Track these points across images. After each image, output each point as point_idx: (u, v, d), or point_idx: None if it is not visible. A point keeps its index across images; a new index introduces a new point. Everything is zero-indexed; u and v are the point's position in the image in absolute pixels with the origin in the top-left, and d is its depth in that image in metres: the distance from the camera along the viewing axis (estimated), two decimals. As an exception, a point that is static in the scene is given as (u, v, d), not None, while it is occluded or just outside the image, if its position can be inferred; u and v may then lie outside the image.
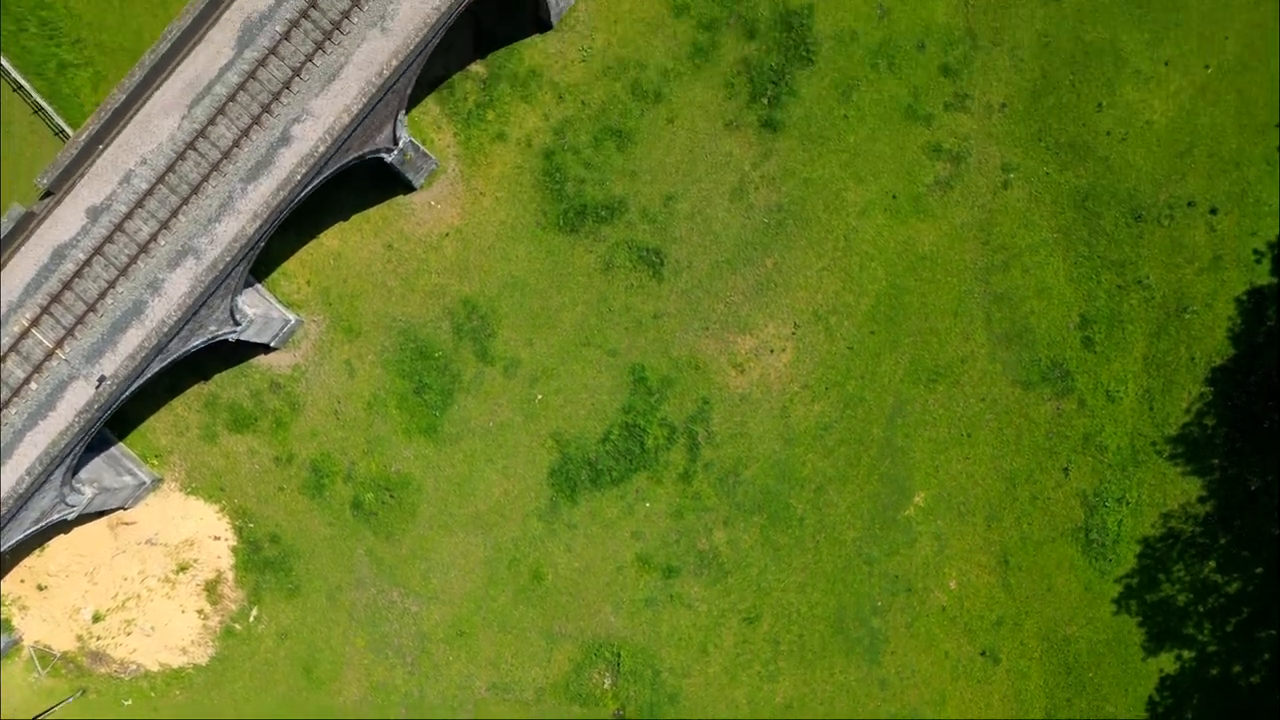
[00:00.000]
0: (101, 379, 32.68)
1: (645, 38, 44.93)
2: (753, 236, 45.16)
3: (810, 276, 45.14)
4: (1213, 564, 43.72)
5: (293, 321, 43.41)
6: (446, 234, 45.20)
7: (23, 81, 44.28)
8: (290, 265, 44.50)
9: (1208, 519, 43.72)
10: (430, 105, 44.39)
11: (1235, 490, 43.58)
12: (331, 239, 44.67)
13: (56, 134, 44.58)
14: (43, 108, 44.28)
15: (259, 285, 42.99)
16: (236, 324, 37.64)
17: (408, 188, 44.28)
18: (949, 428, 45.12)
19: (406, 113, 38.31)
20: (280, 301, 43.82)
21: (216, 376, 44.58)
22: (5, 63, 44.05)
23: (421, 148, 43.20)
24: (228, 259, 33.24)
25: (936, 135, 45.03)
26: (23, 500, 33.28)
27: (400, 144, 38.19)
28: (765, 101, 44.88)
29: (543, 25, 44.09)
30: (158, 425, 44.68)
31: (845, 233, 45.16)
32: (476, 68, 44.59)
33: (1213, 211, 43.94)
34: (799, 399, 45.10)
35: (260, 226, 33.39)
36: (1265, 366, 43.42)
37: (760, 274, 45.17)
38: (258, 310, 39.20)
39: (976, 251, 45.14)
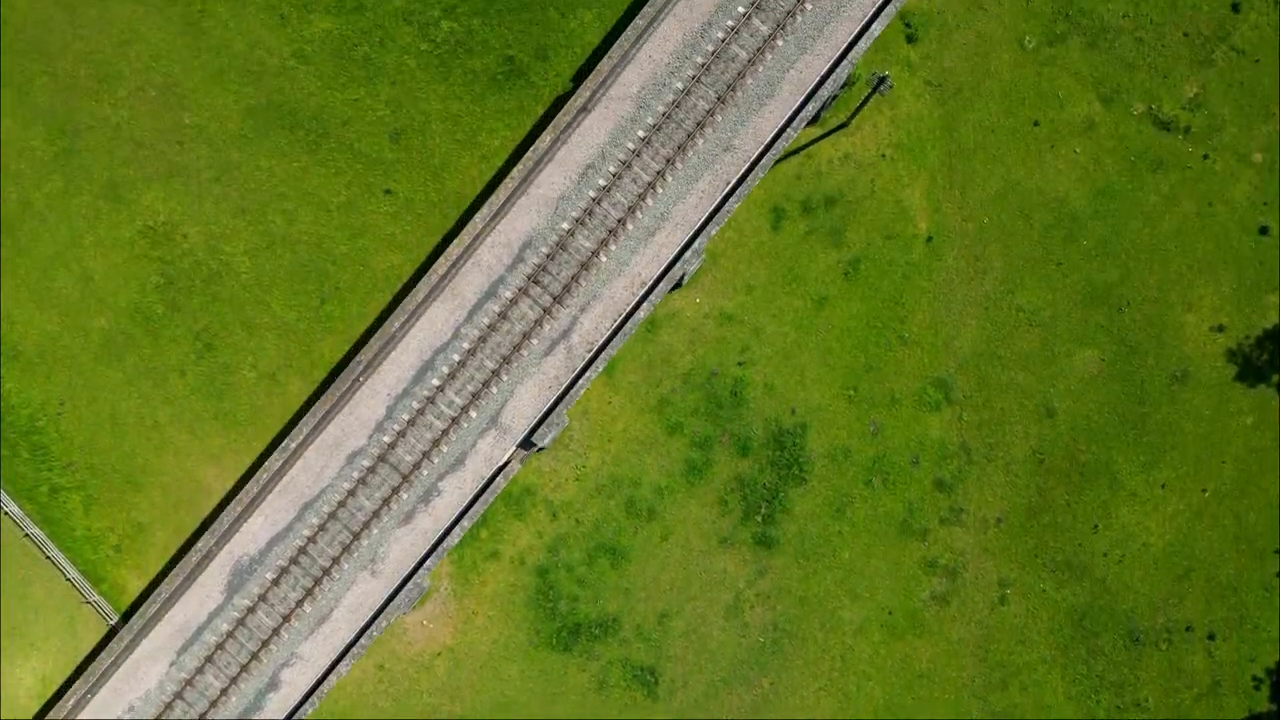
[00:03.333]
0: None
1: (639, 455, 44.82)
2: (749, 656, 44.82)
3: (807, 697, 44.75)
4: None
5: (283, 753, 42.95)
6: (439, 653, 44.83)
7: (14, 507, 44.12)
8: (281, 687, 44.10)
9: None
10: (423, 527, 44.20)
11: None
12: (323, 660, 44.31)
13: (47, 558, 44.36)
14: (30, 534, 44.08)
15: None
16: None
17: (400, 611, 43.97)
18: None
19: (398, 589, 38.02)
20: (271, 729, 43.36)
21: (206, 800, 44.07)
22: (-3, 490, 43.95)
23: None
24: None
25: (932, 550, 44.82)
26: None
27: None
28: (759, 519, 44.71)
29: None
30: None
31: (841, 651, 44.82)
32: (469, 489, 44.43)
33: (1210, 637, 43.65)
34: (796, 822, 44.57)
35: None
36: (1267, 796, 43.00)
37: (757, 694, 44.77)
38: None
39: (974, 669, 44.76)
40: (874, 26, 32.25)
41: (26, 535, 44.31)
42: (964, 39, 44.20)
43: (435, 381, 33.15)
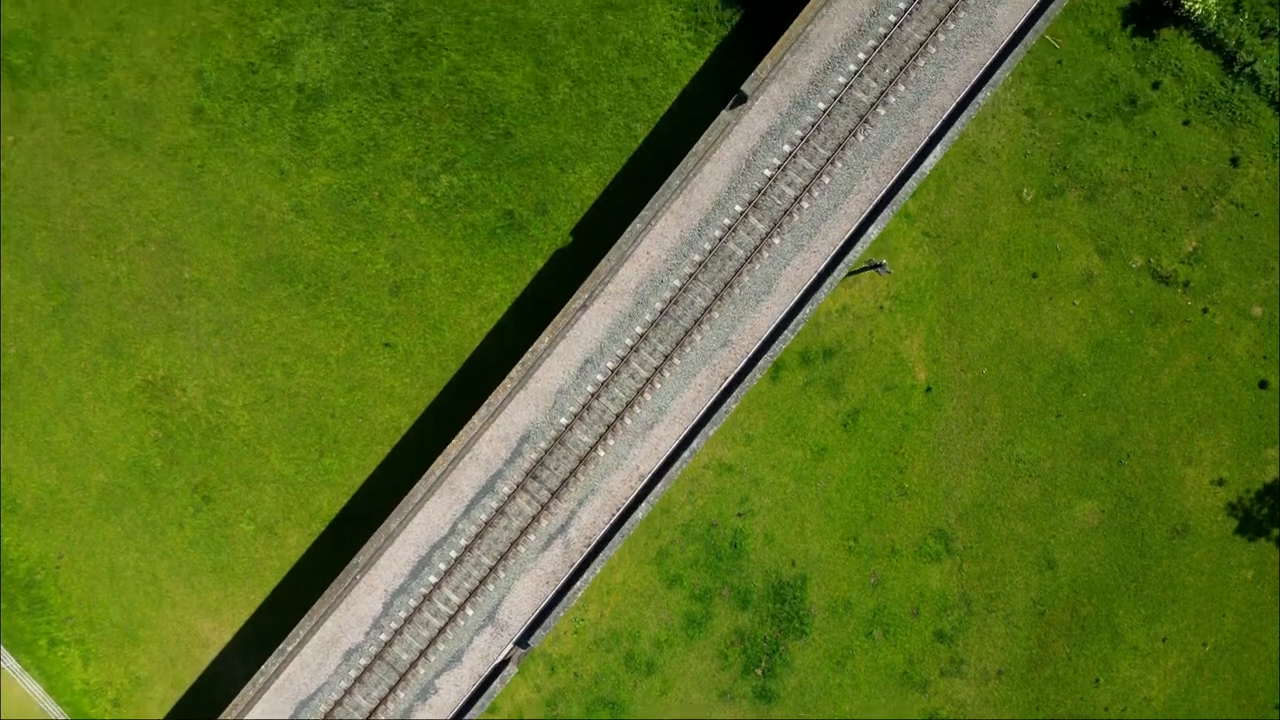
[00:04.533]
0: None
1: (638, 609, 44.67)
2: (748, 810, 44.58)
3: None
4: None
5: None
6: (438, 807, 44.61)
7: (12, 661, 44.05)
8: (279, 842, 43.90)
9: None
10: (421, 681, 44.04)
11: None
12: (321, 814, 44.10)
13: (45, 712, 44.23)
14: (29, 689, 43.98)
15: None
16: None
17: (398, 766, 43.75)
18: None
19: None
20: None
21: None
22: (-6, 645, 43.88)
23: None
24: None
25: (933, 702, 44.61)
26: None
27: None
28: (759, 672, 44.53)
29: (535, 602, 43.79)
30: None
31: (842, 806, 44.59)
32: (468, 643, 44.25)
33: (1214, 793, 43.40)
34: None
35: None
36: None
37: None
38: None
39: (975, 822, 44.52)
40: (870, 229, 32.23)
41: (25, 690, 44.22)
42: (962, 191, 44.23)
43: (432, 578, 33.04)
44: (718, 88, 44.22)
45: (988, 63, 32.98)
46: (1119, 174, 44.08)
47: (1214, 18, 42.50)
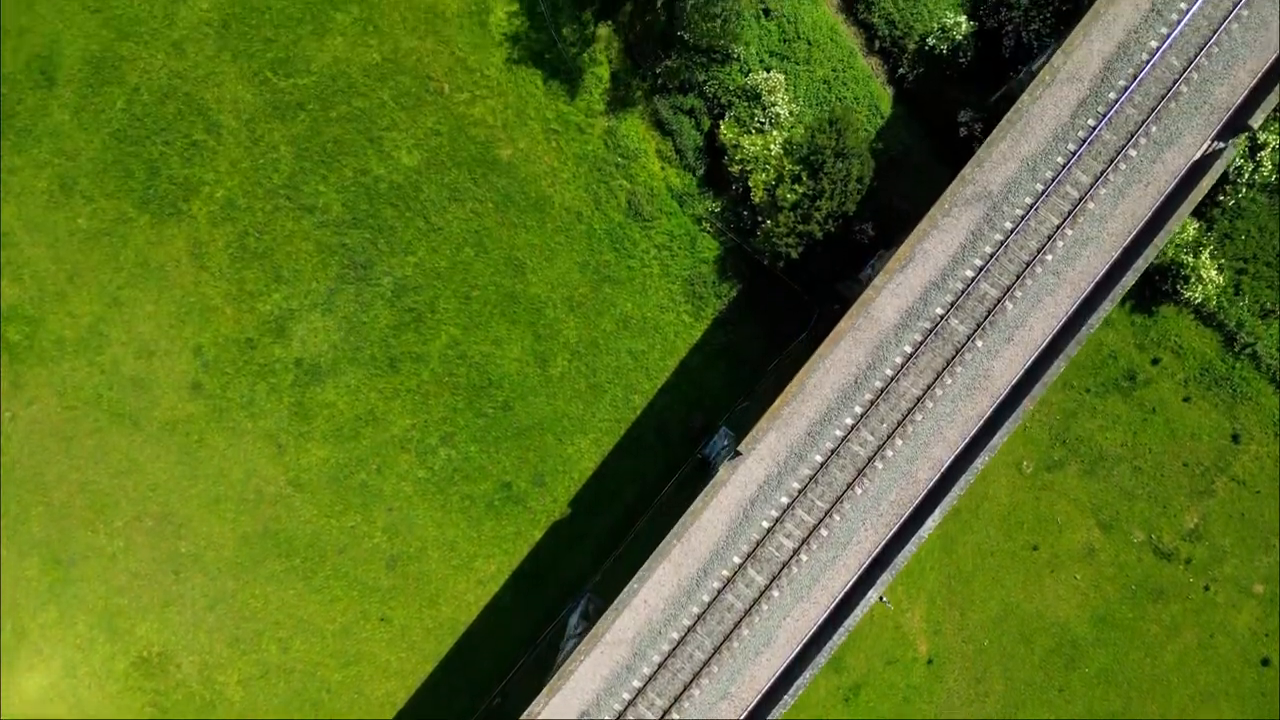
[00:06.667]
0: None
1: None
2: None
3: None
4: None
5: None
6: None
7: None
8: None
9: None
10: None
11: None
12: None
13: None
14: None
15: None
16: None
17: None
18: None
19: None
20: None
21: None
22: None
23: None
24: None
25: None
26: None
27: None
28: None
29: None
30: None
31: None
32: None
33: None
34: None
35: None
36: None
37: None
38: None
39: None
40: (870, 593, 32.12)
41: None
42: (962, 462, 44.00)
43: None
44: (715, 360, 44.22)
45: (987, 414, 32.87)
46: (1119, 449, 43.88)
47: (1214, 300, 42.40)
